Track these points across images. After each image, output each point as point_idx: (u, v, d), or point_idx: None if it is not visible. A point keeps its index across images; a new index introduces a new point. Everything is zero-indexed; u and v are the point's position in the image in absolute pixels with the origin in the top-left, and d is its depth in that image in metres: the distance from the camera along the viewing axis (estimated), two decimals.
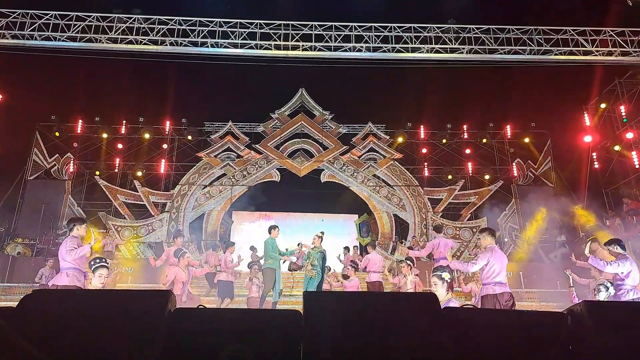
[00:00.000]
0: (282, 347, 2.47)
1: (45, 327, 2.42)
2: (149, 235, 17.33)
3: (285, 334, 2.49)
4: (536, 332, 2.70)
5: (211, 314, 2.70)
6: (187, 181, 18.42)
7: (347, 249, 13.56)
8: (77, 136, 18.71)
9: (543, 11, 13.64)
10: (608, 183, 16.38)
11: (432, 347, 2.53)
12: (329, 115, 19.49)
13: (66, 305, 2.61)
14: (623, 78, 15.58)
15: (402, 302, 3.06)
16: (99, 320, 2.50)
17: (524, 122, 19.12)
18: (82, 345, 2.38)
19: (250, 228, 18.44)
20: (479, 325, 2.71)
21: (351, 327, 2.56)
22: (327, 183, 18.86)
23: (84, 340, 2.39)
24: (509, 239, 17.58)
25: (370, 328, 2.56)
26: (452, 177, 19.30)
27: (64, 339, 2.38)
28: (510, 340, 2.65)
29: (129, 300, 2.73)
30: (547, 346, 2.60)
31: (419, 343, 2.54)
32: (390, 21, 13.55)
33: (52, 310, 2.53)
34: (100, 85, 16.97)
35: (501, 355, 2.59)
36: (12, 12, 12.84)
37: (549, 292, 12.69)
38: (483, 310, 4.92)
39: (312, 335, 2.48)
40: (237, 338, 2.46)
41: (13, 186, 16.73)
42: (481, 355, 2.57)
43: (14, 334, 2.30)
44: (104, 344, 2.39)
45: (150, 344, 2.39)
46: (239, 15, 13.48)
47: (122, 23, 13.10)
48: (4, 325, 2.31)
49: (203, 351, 2.46)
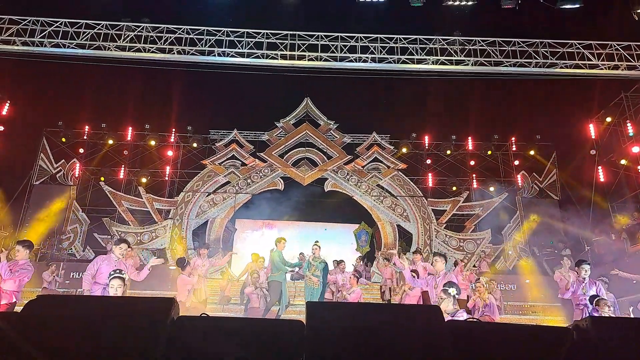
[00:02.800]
0: (284, 357, 2.46)
1: (49, 332, 2.42)
2: (153, 242, 17.34)
3: (288, 344, 2.48)
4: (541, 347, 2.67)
5: (214, 322, 2.70)
6: (191, 188, 18.47)
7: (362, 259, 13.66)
8: (83, 142, 18.85)
9: (549, 24, 13.67)
10: (614, 197, 16.29)
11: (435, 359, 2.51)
12: (334, 124, 19.55)
13: (70, 311, 2.61)
14: (629, 92, 15.55)
15: (406, 313, 3.04)
16: (102, 326, 2.50)
17: (529, 134, 19.09)
18: (86, 351, 2.38)
19: (253, 236, 18.44)
20: (482, 339, 2.69)
21: (354, 338, 2.55)
22: (331, 192, 18.86)
23: (87, 346, 2.39)
24: (513, 252, 17.46)
25: (373, 339, 2.55)
26: (457, 188, 19.25)
27: (68, 345, 2.38)
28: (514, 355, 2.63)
29: (132, 307, 2.73)
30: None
31: (421, 355, 2.52)
32: (396, 32, 13.64)
33: (56, 316, 2.54)
34: (107, 92, 17.15)
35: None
36: (23, 19, 13.03)
37: (554, 306, 12.59)
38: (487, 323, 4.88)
39: (315, 345, 2.47)
40: (240, 347, 2.45)
41: (19, 191, 16.83)
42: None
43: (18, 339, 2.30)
44: (107, 350, 2.39)
45: (152, 351, 2.39)
46: (246, 25, 13.62)
47: (131, 31, 13.25)
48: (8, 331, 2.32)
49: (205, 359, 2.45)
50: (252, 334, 2.57)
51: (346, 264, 12.45)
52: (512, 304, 13.05)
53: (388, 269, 11.87)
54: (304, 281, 9.74)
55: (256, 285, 9.77)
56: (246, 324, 2.82)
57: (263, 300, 9.41)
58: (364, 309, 3.51)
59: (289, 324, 2.62)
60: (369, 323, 2.65)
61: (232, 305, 12.07)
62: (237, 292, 11.89)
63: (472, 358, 2.56)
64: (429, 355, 2.52)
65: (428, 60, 13.58)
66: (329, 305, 4.24)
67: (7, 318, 2.46)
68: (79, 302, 3.26)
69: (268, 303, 8.92)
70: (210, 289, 13.73)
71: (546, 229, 17.25)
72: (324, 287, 9.36)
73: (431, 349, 2.54)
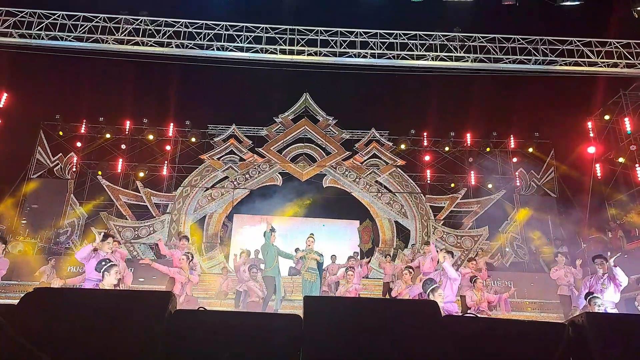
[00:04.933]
0: (282, 351, 2.46)
1: (45, 325, 2.42)
2: (150, 237, 17.33)
3: (285, 338, 2.48)
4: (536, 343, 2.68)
5: (212, 316, 2.69)
6: (189, 183, 18.44)
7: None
8: (80, 136, 18.80)
9: (548, 21, 13.66)
10: (611, 194, 16.33)
11: (432, 354, 2.51)
12: (333, 120, 19.52)
13: (67, 304, 2.61)
14: (628, 90, 15.58)
15: (403, 308, 3.05)
16: (99, 320, 2.50)
17: (527, 131, 19.11)
18: (82, 344, 2.38)
19: (251, 231, 18.44)
20: (479, 334, 2.69)
21: (351, 333, 2.55)
22: (329, 188, 18.86)
23: (84, 339, 2.39)
24: (511, 249, 17.52)
25: (371, 334, 2.55)
26: (455, 185, 19.27)
27: (64, 338, 2.38)
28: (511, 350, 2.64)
29: (129, 301, 2.73)
30: (547, 357, 2.59)
31: (418, 350, 2.53)
32: (396, 28, 13.61)
33: (52, 309, 2.53)
34: (105, 86, 17.08)
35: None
36: (20, 11, 12.94)
37: (550, 303, 12.65)
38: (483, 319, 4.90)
39: (312, 339, 2.47)
40: (237, 341, 2.45)
41: (16, 184, 16.79)
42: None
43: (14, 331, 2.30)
44: (104, 344, 2.39)
45: (150, 344, 2.39)
46: (245, 19, 13.57)
47: (129, 24, 13.17)
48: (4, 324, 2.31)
49: (203, 353, 2.45)
50: (250, 328, 2.57)
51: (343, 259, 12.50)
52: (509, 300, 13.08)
53: (389, 265, 11.95)
54: (301, 276, 9.76)
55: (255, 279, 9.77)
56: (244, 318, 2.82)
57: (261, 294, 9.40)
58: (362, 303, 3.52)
59: (287, 318, 2.62)
60: (367, 317, 2.65)
61: (230, 300, 12.08)
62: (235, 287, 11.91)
63: (469, 353, 2.57)
64: (426, 349, 2.53)
65: (428, 56, 13.56)
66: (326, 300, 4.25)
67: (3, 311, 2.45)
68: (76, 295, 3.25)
69: (265, 297, 8.92)
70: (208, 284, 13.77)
71: (543, 226, 17.31)
72: (320, 281, 9.37)
73: (428, 343, 2.55)
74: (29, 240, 15.29)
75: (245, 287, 9.83)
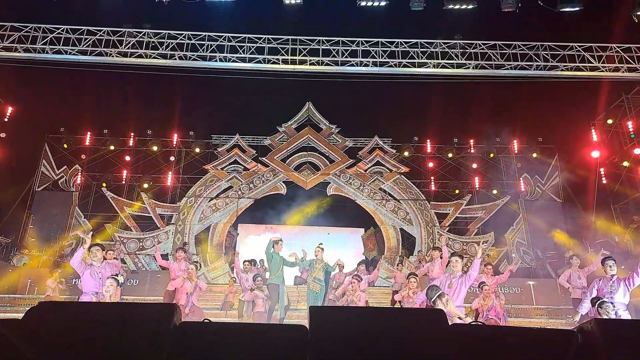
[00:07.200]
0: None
1: (50, 339, 2.41)
2: (155, 248, 17.30)
3: (291, 349, 2.47)
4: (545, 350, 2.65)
5: (216, 328, 2.68)
6: (194, 193, 18.47)
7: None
8: (85, 148, 18.90)
9: (549, 27, 13.68)
10: (617, 199, 16.23)
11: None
12: (336, 128, 19.57)
13: (71, 318, 2.60)
14: (630, 94, 15.55)
15: (409, 317, 3.02)
16: (103, 333, 2.49)
17: (531, 136, 19.07)
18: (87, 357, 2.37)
19: (256, 240, 18.40)
20: (487, 342, 2.67)
21: (357, 343, 2.53)
22: (333, 196, 18.84)
23: (89, 352, 2.38)
24: (517, 254, 17.40)
25: (377, 343, 2.53)
26: (459, 191, 19.22)
27: (69, 352, 2.37)
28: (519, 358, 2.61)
29: (134, 313, 2.72)
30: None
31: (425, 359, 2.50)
32: (397, 36, 13.66)
33: (57, 323, 2.53)
34: (109, 98, 17.21)
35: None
36: (25, 26, 13.08)
37: (558, 309, 12.52)
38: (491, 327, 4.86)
39: (318, 350, 2.46)
40: (243, 353, 2.44)
41: (21, 197, 16.86)
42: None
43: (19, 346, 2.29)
44: (109, 357, 2.38)
45: (155, 357, 2.38)
46: (247, 30, 13.67)
47: (132, 37, 13.29)
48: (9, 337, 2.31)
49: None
50: (256, 339, 2.56)
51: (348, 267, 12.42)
52: (516, 307, 12.96)
53: (400, 274, 11.81)
54: (306, 285, 9.71)
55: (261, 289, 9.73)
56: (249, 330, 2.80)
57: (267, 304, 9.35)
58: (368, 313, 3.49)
59: (292, 329, 2.60)
60: (373, 327, 2.63)
61: (235, 311, 12.02)
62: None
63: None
64: (433, 358, 2.50)
65: (429, 64, 13.59)
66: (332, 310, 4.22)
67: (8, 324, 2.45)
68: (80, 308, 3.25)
69: (270, 306, 8.89)
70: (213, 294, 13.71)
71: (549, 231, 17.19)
72: (326, 291, 9.32)
73: (436, 352, 2.53)
74: (35, 253, 15.32)
75: (249, 297, 9.79)
